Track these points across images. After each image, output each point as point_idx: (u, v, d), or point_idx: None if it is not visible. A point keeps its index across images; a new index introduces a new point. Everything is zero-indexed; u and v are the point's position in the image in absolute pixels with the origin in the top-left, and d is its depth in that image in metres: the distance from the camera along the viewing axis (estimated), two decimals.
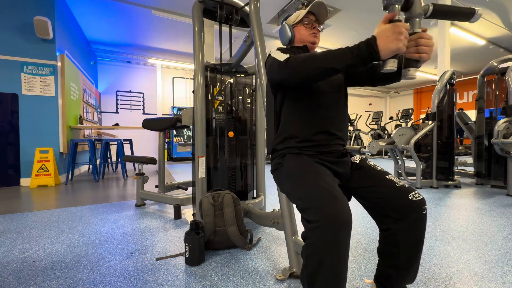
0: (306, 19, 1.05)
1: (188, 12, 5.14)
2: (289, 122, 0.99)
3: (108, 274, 1.22)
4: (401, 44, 0.67)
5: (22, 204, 2.58)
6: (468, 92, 10.24)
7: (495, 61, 3.49)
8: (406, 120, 7.55)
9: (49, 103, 3.78)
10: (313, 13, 1.05)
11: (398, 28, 0.67)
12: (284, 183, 0.92)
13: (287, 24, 1.09)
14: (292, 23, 1.08)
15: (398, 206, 0.82)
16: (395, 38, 0.66)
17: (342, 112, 1.02)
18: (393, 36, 0.67)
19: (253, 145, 2.07)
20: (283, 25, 1.10)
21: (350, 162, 0.98)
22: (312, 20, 1.06)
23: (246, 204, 1.79)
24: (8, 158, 3.59)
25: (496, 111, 3.47)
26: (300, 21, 1.06)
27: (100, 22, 5.50)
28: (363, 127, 11.54)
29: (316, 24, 1.07)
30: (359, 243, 1.57)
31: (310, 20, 1.06)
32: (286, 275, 1.15)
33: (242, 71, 2.03)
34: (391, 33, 0.67)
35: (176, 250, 1.48)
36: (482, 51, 7.42)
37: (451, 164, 3.28)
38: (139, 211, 2.30)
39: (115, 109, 7.23)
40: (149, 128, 2.71)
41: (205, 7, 1.86)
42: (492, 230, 1.80)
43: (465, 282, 1.14)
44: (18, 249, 1.51)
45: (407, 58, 0.75)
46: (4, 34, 3.53)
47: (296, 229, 1.21)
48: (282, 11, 5.19)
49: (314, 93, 0.96)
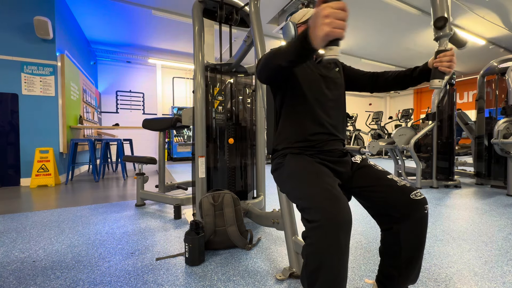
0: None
1: (188, 12, 5.14)
2: (289, 122, 0.99)
3: (108, 274, 1.22)
4: (328, 28, 0.57)
5: (22, 204, 2.58)
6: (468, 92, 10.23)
7: (495, 61, 3.49)
8: (406, 120, 7.55)
9: (49, 103, 3.78)
10: None
11: (323, 10, 0.57)
12: (284, 183, 0.92)
13: (292, 22, 1.04)
14: (297, 22, 1.05)
15: (399, 205, 0.82)
16: (321, 23, 0.57)
17: (341, 112, 1.02)
18: (319, 20, 0.58)
19: (253, 145, 2.07)
20: (287, 22, 1.07)
21: (350, 162, 0.98)
22: None
23: (246, 204, 1.79)
24: (8, 158, 3.58)
25: (496, 111, 3.47)
26: (305, 21, 1.03)
27: (100, 22, 5.50)
28: (363, 127, 11.54)
29: None
30: (359, 243, 1.57)
31: None
32: (286, 275, 1.15)
33: (242, 71, 2.03)
34: (317, 18, 0.59)
35: (176, 250, 1.48)
36: (482, 51, 7.41)
37: (451, 164, 3.28)
38: (139, 211, 2.30)
39: (115, 109, 7.23)
40: (149, 128, 2.71)
41: (205, 7, 1.86)
42: (492, 230, 1.80)
43: (465, 282, 1.14)
44: (18, 249, 1.51)
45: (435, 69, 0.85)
46: (4, 34, 3.53)
47: (296, 229, 1.21)
48: (282, 11, 5.19)
49: (313, 93, 0.96)
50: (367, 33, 6.17)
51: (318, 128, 0.96)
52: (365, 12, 5.19)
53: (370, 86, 1.06)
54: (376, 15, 5.33)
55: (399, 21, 5.56)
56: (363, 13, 5.24)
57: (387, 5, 4.89)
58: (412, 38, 6.52)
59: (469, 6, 4.92)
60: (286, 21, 1.14)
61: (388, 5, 4.89)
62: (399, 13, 5.20)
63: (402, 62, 8.49)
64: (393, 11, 5.14)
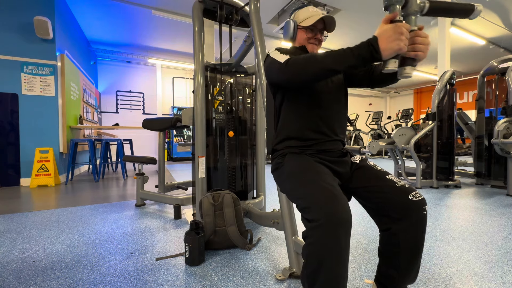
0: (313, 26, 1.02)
1: (188, 12, 5.14)
2: (289, 122, 0.99)
3: (108, 274, 1.22)
4: (402, 44, 0.67)
5: (22, 204, 2.58)
6: (468, 92, 10.24)
7: (495, 61, 3.49)
8: (406, 120, 7.56)
9: (49, 103, 3.78)
10: (323, 22, 1.02)
11: (399, 28, 0.67)
12: (284, 182, 0.92)
13: (293, 21, 1.04)
14: (299, 22, 1.04)
15: (398, 206, 0.82)
16: (396, 38, 0.66)
17: (342, 112, 1.02)
18: (394, 36, 0.66)
19: (253, 145, 2.07)
20: (288, 21, 1.06)
21: (350, 162, 0.98)
22: (318, 30, 1.03)
23: (246, 204, 1.79)
24: (8, 158, 3.58)
25: (496, 111, 3.47)
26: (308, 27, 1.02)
27: (100, 22, 5.50)
28: (363, 127, 11.54)
29: (319, 35, 1.04)
30: (359, 243, 1.57)
31: (317, 29, 1.03)
32: (286, 275, 1.15)
33: (242, 71, 2.03)
34: (392, 32, 0.67)
35: (176, 250, 1.48)
36: (482, 51, 7.42)
37: (451, 164, 3.28)
38: (139, 211, 2.30)
39: (115, 109, 7.23)
40: (149, 128, 2.71)
41: (205, 7, 1.86)
42: (492, 230, 1.80)
43: (465, 282, 1.14)
44: (18, 249, 1.51)
45: (403, 56, 0.73)
46: (4, 34, 3.53)
47: (296, 229, 1.21)
48: (282, 11, 5.19)
49: (313, 93, 0.96)
50: (367, 33, 6.17)
51: (318, 128, 0.95)
52: (365, 12, 5.19)
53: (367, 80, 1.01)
54: (376, 15, 5.33)
55: None
56: (363, 13, 5.24)
57: None
58: None
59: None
60: (289, 17, 1.12)
61: None
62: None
63: None
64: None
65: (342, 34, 6.30)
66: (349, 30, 6.08)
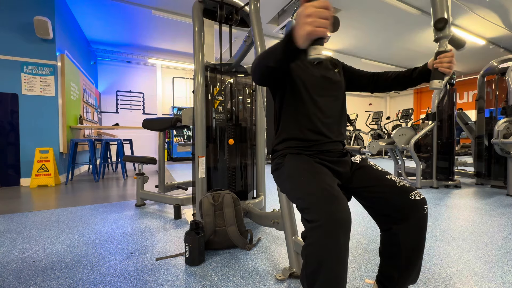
0: None
1: (188, 12, 5.14)
2: (289, 123, 0.99)
3: (108, 274, 1.22)
4: (310, 27, 0.57)
5: (22, 204, 2.58)
6: (468, 92, 10.23)
7: (495, 61, 3.49)
8: (406, 120, 7.56)
9: (49, 103, 3.78)
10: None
11: (306, 9, 0.58)
12: (284, 183, 0.92)
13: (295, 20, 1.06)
14: None
15: (398, 206, 0.82)
16: (303, 22, 0.59)
17: (341, 112, 1.02)
18: (301, 20, 0.59)
19: (253, 145, 2.07)
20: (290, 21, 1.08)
21: (350, 162, 0.98)
22: None
23: (246, 204, 1.79)
24: (8, 158, 3.58)
25: (496, 111, 3.47)
26: None
27: (100, 22, 5.50)
28: (363, 127, 11.54)
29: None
30: (359, 243, 1.57)
31: None
32: (286, 275, 1.15)
33: (242, 71, 2.03)
34: (299, 17, 0.59)
35: (176, 250, 1.48)
36: (482, 51, 7.41)
37: (451, 164, 3.28)
38: (139, 211, 2.30)
39: (115, 109, 7.23)
40: (149, 128, 2.71)
41: (205, 7, 1.86)
42: (492, 230, 1.80)
43: (465, 282, 1.14)
44: (18, 249, 1.51)
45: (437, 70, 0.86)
46: (4, 34, 3.53)
47: (296, 229, 1.21)
48: (282, 11, 5.18)
49: (313, 94, 0.96)
50: (367, 33, 6.17)
51: (318, 129, 0.95)
52: (365, 12, 5.19)
53: (371, 87, 1.07)
54: (376, 15, 5.33)
55: (399, 21, 5.56)
56: (363, 13, 5.24)
57: (387, 5, 4.89)
58: (412, 38, 6.51)
59: (469, 6, 4.92)
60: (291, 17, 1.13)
61: (388, 5, 4.89)
62: (399, 13, 5.19)
63: (402, 62, 8.48)
64: (393, 11, 5.14)
65: (342, 34, 6.30)
66: (350, 30, 6.08)
